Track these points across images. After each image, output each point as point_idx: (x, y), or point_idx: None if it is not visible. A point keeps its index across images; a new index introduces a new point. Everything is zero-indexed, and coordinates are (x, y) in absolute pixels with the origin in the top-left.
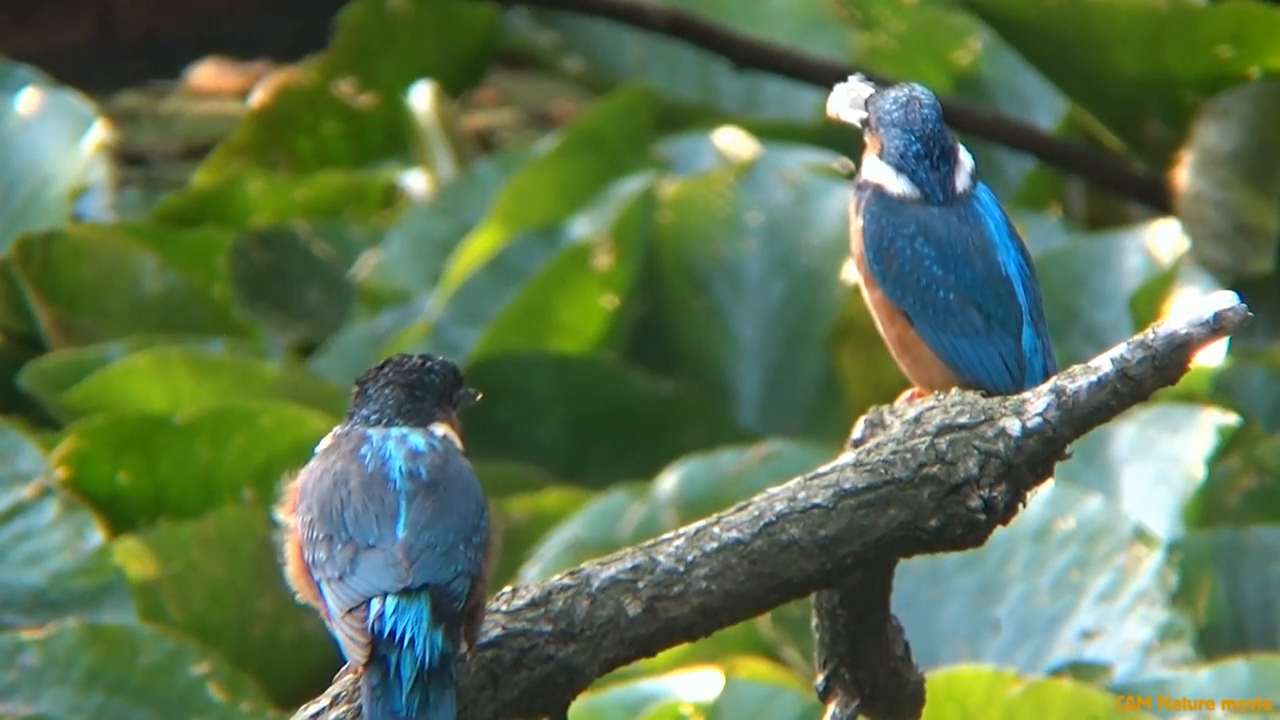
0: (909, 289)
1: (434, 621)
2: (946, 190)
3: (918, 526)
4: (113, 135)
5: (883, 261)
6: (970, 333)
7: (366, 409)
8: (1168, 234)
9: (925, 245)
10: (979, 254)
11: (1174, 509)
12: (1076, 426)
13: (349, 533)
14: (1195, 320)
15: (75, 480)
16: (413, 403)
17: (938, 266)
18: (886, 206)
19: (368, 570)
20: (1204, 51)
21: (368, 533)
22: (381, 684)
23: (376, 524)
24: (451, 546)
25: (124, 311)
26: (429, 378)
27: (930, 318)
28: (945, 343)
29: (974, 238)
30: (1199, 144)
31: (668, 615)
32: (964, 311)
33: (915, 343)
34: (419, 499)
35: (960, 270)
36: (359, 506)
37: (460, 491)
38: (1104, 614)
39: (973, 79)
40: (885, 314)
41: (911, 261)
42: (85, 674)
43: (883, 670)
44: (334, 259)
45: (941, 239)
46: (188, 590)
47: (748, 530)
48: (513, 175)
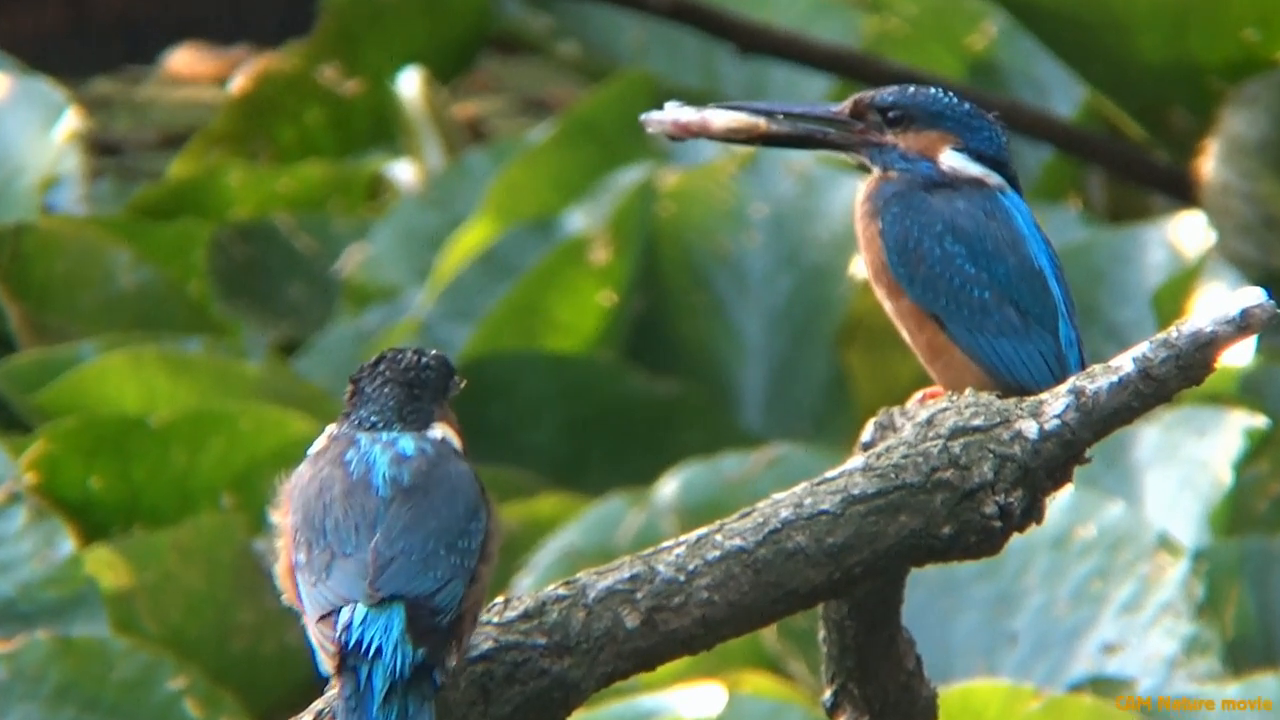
0: (940, 291)
1: (410, 632)
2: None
3: (930, 534)
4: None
5: (909, 264)
6: (1009, 331)
7: (364, 410)
8: (1192, 227)
9: (954, 243)
10: (1010, 248)
11: (1200, 515)
12: (1096, 429)
13: (328, 539)
14: (1221, 317)
15: (45, 485)
16: (412, 403)
17: (969, 264)
18: (908, 206)
19: (339, 578)
20: (1230, 35)
21: (345, 541)
22: (354, 695)
23: (355, 533)
24: (430, 554)
25: (97, 308)
26: (426, 374)
27: (965, 319)
28: (983, 344)
29: (1003, 231)
30: (1225, 132)
31: (668, 627)
32: (1000, 310)
33: (947, 347)
34: (396, 505)
35: (993, 266)
36: (339, 514)
37: (447, 495)
38: (1126, 626)
39: (988, 65)
40: (913, 321)
41: (942, 261)
42: (55, 689)
43: (893, 685)
44: (318, 253)
45: (970, 235)
46: (163, 601)
47: (751, 538)
48: (505, 165)
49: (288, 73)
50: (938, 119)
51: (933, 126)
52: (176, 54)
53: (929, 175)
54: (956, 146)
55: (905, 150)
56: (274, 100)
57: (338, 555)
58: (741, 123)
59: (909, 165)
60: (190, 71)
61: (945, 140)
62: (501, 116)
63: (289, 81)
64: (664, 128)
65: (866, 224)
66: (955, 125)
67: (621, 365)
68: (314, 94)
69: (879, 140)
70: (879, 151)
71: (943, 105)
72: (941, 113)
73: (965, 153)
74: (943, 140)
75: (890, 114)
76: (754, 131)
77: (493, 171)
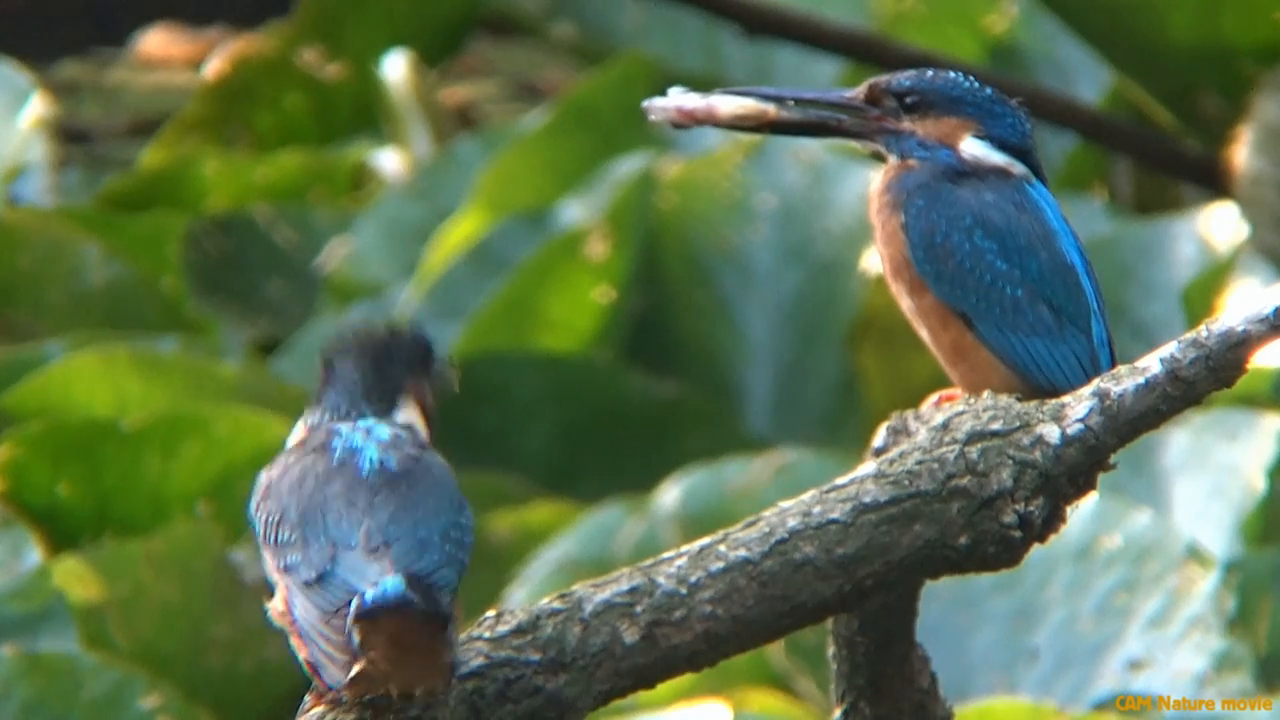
0: (970, 288)
1: None
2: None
3: (946, 544)
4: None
5: (936, 260)
6: (1042, 331)
7: (334, 393)
8: (1224, 219)
9: (985, 238)
10: (1041, 243)
11: (1231, 525)
12: (1122, 434)
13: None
14: (1254, 316)
15: (11, 493)
16: (379, 380)
17: (1001, 260)
18: (934, 198)
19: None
20: (1263, 17)
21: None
22: None
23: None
24: (424, 539)
25: (65, 305)
26: (397, 351)
27: (996, 318)
28: (1015, 344)
29: (1034, 225)
30: (1258, 119)
31: (668, 643)
32: (1033, 308)
33: (974, 347)
34: (385, 492)
35: (1025, 263)
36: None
37: (433, 486)
38: (1154, 641)
39: (1008, 48)
40: (937, 320)
41: (971, 257)
42: (22, 707)
43: (907, 704)
44: (298, 247)
45: (1001, 230)
46: (136, 615)
47: (757, 549)
48: (497, 154)
49: (266, 56)
50: (958, 105)
51: (952, 113)
52: (149, 36)
53: (950, 164)
54: (977, 134)
55: (924, 138)
56: (252, 85)
57: (341, 548)
58: (750, 109)
59: (928, 153)
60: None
61: (965, 127)
62: (492, 102)
63: (268, 65)
64: (667, 115)
65: (887, 216)
66: (976, 111)
67: (620, 366)
68: (294, 78)
69: (895, 127)
70: (895, 139)
71: (963, 90)
72: (962, 98)
73: (987, 140)
74: (963, 127)
75: (907, 99)
76: (763, 119)
77: (483, 160)
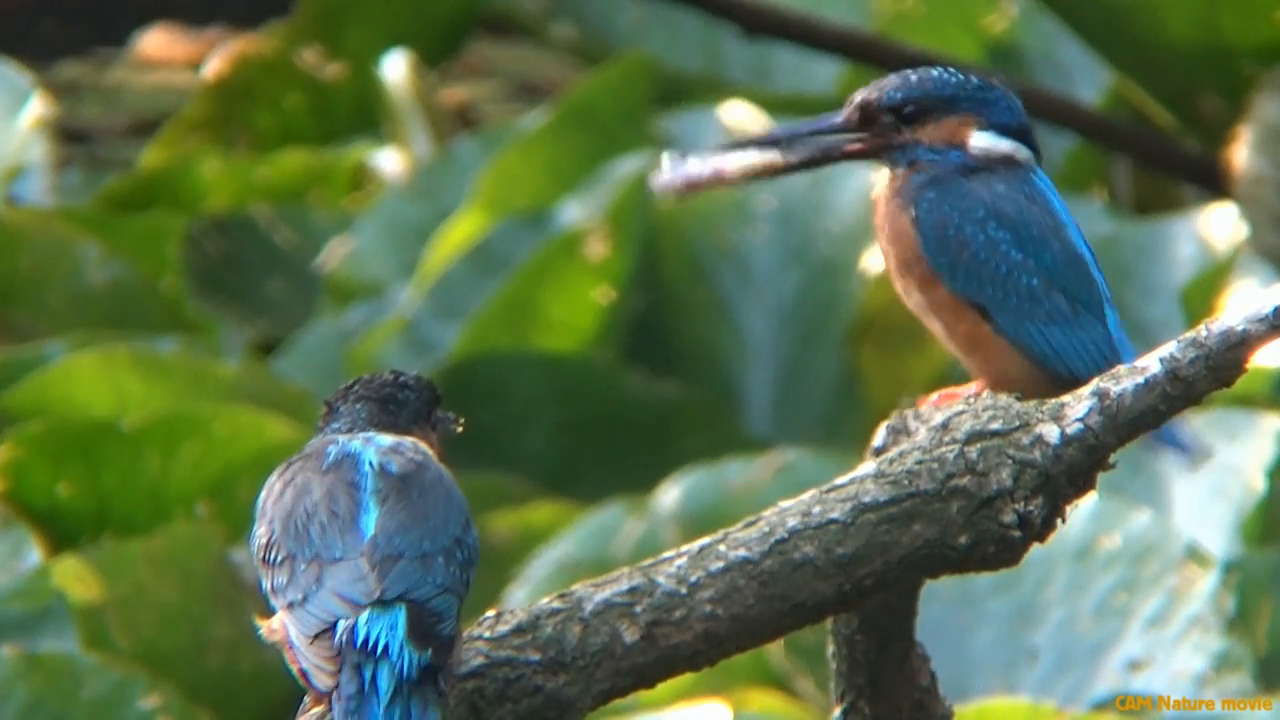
0: (986, 279)
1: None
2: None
3: (945, 544)
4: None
5: (949, 253)
6: (1059, 319)
7: (337, 424)
8: (1223, 219)
9: (999, 229)
10: (1053, 233)
11: (1231, 524)
12: (1121, 433)
13: (314, 548)
14: (1254, 315)
15: (11, 493)
16: (386, 416)
17: (1016, 250)
18: (945, 193)
19: (333, 587)
20: (1263, 17)
21: (333, 545)
22: (357, 696)
23: (342, 535)
24: (427, 555)
25: (65, 305)
26: (404, 394)
27: (1013, 308)
28: (1034, 333)
29: (1044, 216)
30: (1258, 119)
31: (668, 642)
32: (1050, 297)
33: (990, 338)
34: (390, 501)
35: (1040, 252)
36: (324, 517)
37: (438, 500)
38: (1153, 641)
39: (1007, 47)
40: (950, 313)
41: (986, 248)
42: (22, 708)
43: (906, 703)
44: (298, 247)
45: (1014, 220)
46: (135, 615)
47: (757, 548)
48: (496, 154)
49: (266, 56)
50: (953, 103)
51: (950, 112)
52: (148, 36)
53: (961, 162)
54: (980, 126)
55: (931, 144)
56: (251, 85)
57: (326, 563)
58: (757, 163)
59: (938, 156)
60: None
61: (967, 123)
62: (492, 102)
63: (267, 65)
64: (675, 188)
65: (895, 215)
66: (971, 104)
67: (619, 366)
68: (294, 78)
69: (900, 141)
70: (903, 152)
71: (954, 86)
72: (955, 95)
73: (990, 130)
74: (964, 124)
75: (905, 110)
76: (773, 168)
77: (483, 161)
